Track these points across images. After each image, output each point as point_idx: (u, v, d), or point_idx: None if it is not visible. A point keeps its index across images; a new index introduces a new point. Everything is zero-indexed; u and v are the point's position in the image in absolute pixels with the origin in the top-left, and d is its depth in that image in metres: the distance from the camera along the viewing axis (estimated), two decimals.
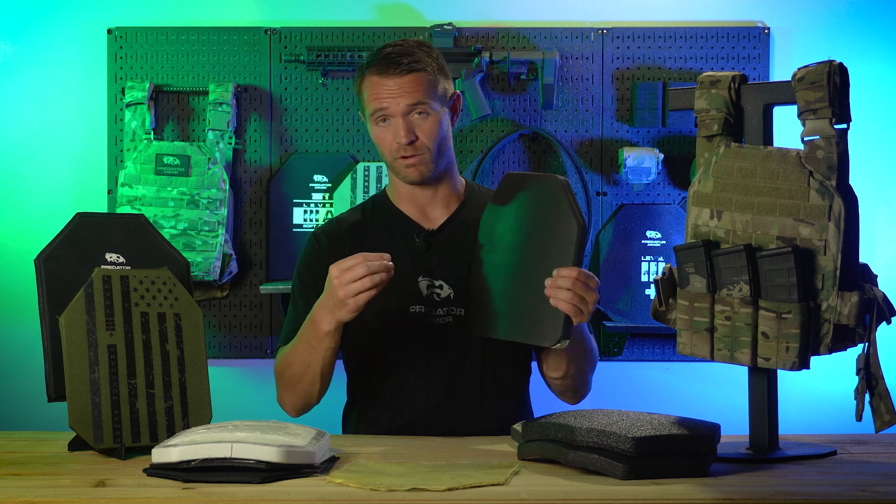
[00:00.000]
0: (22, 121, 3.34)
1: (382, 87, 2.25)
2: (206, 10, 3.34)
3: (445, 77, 2.31)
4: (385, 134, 2.27)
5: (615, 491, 1.69)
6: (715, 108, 1.97)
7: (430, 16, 3.33)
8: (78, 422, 1.94)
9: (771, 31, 3.31)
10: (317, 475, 1.78)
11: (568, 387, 2.29)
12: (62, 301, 2.00)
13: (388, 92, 2.24)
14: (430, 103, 2.26)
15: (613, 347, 3.27)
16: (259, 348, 3.33)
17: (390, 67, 2.25)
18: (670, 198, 3.32)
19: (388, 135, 2.27)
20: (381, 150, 2.30)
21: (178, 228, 3.19)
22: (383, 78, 2.25)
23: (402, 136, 2.24)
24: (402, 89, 2.24)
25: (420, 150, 2.26)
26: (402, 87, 2.24)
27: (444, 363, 2.28)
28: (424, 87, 2.26)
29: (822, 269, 1.84)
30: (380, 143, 2.29)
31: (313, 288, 2.29)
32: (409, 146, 2.25)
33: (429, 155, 2.27)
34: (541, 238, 2.11)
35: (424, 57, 2.28)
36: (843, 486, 1.73)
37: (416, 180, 2.29)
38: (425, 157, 2.27)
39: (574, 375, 2.26)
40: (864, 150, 3.14)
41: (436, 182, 2.33)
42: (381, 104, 2.25)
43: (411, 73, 2.25)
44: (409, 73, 2.25)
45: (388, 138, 2.27)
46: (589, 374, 2.31)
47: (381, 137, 2.28)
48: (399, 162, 2.28)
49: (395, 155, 2.27)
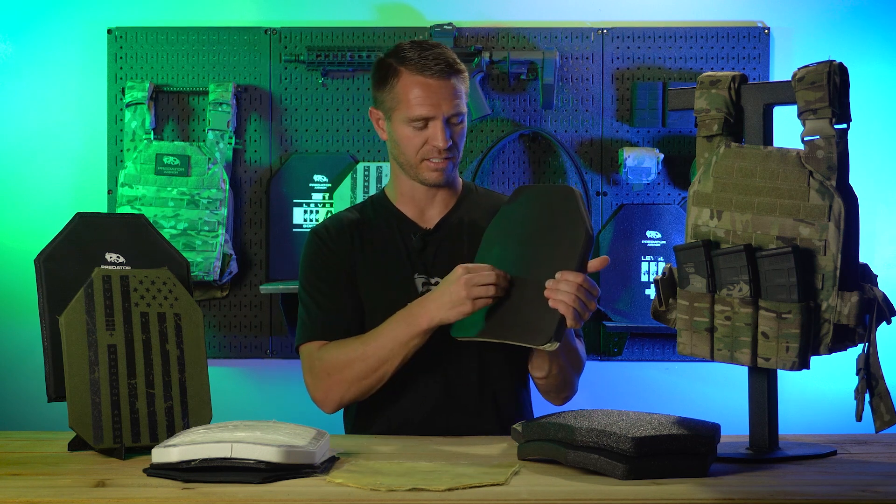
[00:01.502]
0: (22, 121, 3.34)
1: (429, 90, 2.23)
2: (206, 10, 3.34)
3: (468, 78, 2.32)
4: (418, 136, 2.26)
5: (615, 491, 1.69)
6: (715, 108, 1.97)
7: (430, 16, 3.33)
8: (78, 422, 1.94)
9: (771, 31, 3.31)
10: (317, 475, 1.78)
11: (551, 387, 2.30)
12: (62, 301, 2.00)
13: (436, 97, 2.23)
14: (466, 110, 2.28)
15: (613, 347, 3.27)
16: (259, 348, 3.33)
17: (437, 67, 2.23)
18: (670, 198, 3.32)
19: (420, 137, 2.25)
20: (404, 149, 2.28)
21: (178, 228, 3.19)
22: (429, 80, 2.23)
23: (441, 142, 2.23)
24: (446, 94, 2.23)
25: (452, 154, 2.27)
26: (447, 91, 2.24)
27: (442, 363, 2.28)
28: (462, 94, 2.27)
29: (822, 269, 1.84)
30: (407, 142, 2.27)
31: (330, 283, 2.29)
32: (445, 150, 2.25)
33: (456, 159, 2.29)
34: (546, 242, 2.12)
35: (460, 61, 2.28)
36: (843, 486, 1.73)
37: (438, 183, 2.30)
38: (453, 161, 2.29)
39: (557, 376, 2.26)
40: (864, 150, 3.14)
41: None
42: (427, 110, 2.23)
43: (453, 76, 2.25)
44: (451, 76, 2.25)
45: (420, 140, 2.26)
46: (573, 377, 2.31)
47: (411, 138, 2.26)
48: (426, 164, 2.27)
49: (423, 157, 2.27)
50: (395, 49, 2.30)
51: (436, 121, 2.24)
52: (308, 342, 2.29)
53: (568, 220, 2.10)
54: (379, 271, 2.32)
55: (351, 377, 2.22)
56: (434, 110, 2.23)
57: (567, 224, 2.10)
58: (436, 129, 2.24)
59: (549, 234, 2.12)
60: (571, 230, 2.08)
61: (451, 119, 2.25)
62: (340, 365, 2.23)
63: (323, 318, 2.28)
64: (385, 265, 2.32)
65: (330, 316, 2.28)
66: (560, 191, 2.17)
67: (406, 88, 2.25)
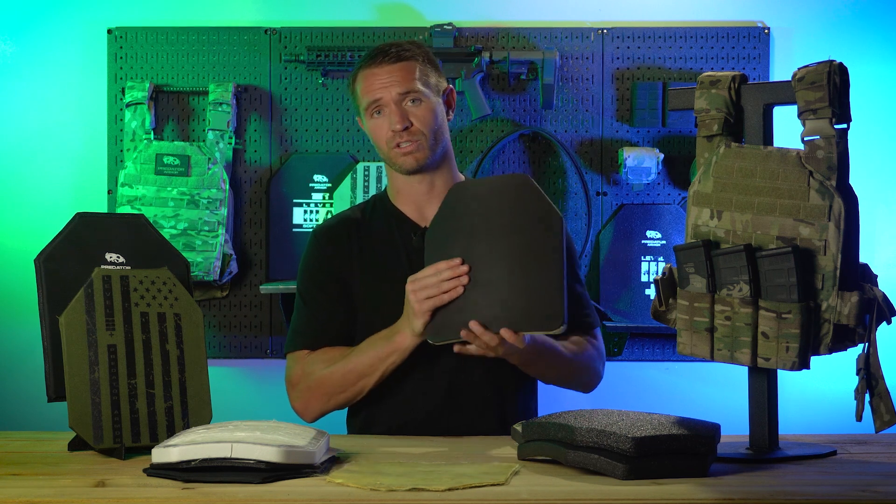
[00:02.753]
0: (22, 121, 3.34)
1: (374, 77, 2.28)
2: (206, 10, 3.34)
3: (435, 69, 2.34)
4: (380, 124, 2.29)
5: (615, 491, 1.69)
6: (715, 108, 1.97)
7: (430, 16, 3.33)
8: (78, 422, 1.94)
9: (771, 31, 3.31)
10: (317, 475, 1.78)
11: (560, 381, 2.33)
12: (62, 301, 2.00)
13: (380, 82, 2.27)
14: (422, 90, 2.29)
15: (613, 347, 3.27)
16: (259, 348, 3.33)
17: (378, 57, 2.29)
18: (670, 198, 3.32)
19: (383, 125, 2.28)
20: (377, 143, 2.32)
21: (178, 228, 3.19)
22: (374, 69, 2.29)
23: (396, 123, 2.26)
24: (392, 77, 2.27)
25: (415, 136, 2.28)
26: (393, 74, 2.27)
27: (443, 362, 2.28)
28: (415, 76, 2.28)
29: (822, 269, 1.84)
30: (375, 134, 2.31)
31: (324, 291, 2.32)
32: (404, 132, 2.26)
33: (424, 141, 2.28)
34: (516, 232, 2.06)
35: (413, 48, 2.32)
36: (843, 486, 1.73)
37: (412, 168, 2.30)
38: (421, 142, 2.28)
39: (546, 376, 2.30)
40: (864, 150, 3.14)
41: (432, 175, 2.33)
42: (374, 95, 2.28)
43: (400, 61, 2.28)
44: (397, 60, 2.28)
45: (384, 128, 2.28)
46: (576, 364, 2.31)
47: (377, 128, 2.29)
48: (395, 151, 2.29)
49: (390, 144, 2.28)
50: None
51: (386, 105, 2.27)
52: (295, 350, 2.32)
53: (534, 207, 2.07)
54: (378, 270, 2.33)
55: (330, 391, 2.26)
56: (381, 92, 2.27)
57: (533, 211, 2.06)
58: (390, 112, 2.27)
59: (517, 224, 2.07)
60: (542, 216, 2.06)
61: (405, 100, 2.27)
62: (322, 379, 2.27)
63: (313, 326, 2.31)
64: (384, 264, 2.33)
65: (320, 324, 2.31)
66: (511, 180, 2.14)
67: (360, 84, 2.31)
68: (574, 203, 3.31)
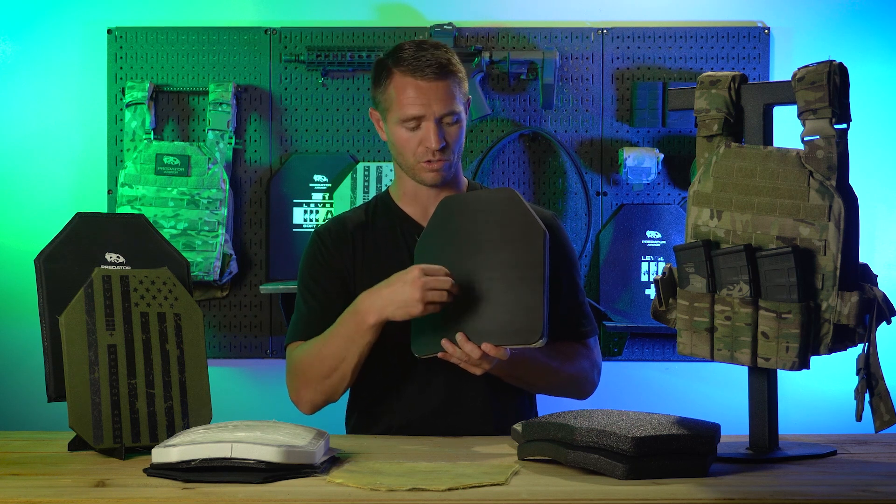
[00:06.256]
0: (22, 121, 3.34)
1: (417, 90, 2.24)
2: (206, 10, 3.34)
3: (465, 77, 2.31)
4: (413, 137, 2.26)
5: (615, 491, 1.69)
6: (715, 108, 1.97)
7: (430, 16, 3.33)
8: (78, 422, 1.94)
9: (771, 31, 3.31)
10: (317, 475, 1.78)
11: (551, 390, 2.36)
12: (62, 301, 2.00)
13: (425, 97, 2.23)
14: (461, 111, 2.27)
15: (613, 347, 3.27)
16: (259, 348, 3.33)
17: (424, 69, 2.23)
18: (670, 198, 3.32)
19: (415, 138, 2.26)
20: (401, 151, 2.29)
21: (178, 228, 3.19)
22: (418, 81, 2.24)
23: (433, 142, 2.23)
24: (437, 95, 2.23)
25: (446, 155, 2.27)
26: (439, 92, 2.23)
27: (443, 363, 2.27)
28: (457, 95, 2.26)
29: (822, 269, 1.84)
30: (403, 144, 2.27)
31: (323, 286, 2.31)
32: (438, 152, 2.25)
33: (452, 158, 2.28)
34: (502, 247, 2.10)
35: (453, 59, 2.27)
36: (843, 486, 1.73)
37: (436, 183, 2.30)
38: (450, 160, 2.28)
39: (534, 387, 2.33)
40: (864, 150, 3.14)
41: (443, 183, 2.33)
42: (415, 111, 2.23)
43: (445, 77, 2.24)
44: (443, 77, 2.24)
45: (415, 141, 2.26)
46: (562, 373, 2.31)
47: (407, 140, 2.27)
48: (423, 165, 2.27)
49: (419, 158, 2.27)
50: (393, 50, 2.30)
51: (427, 121, 2.24)
52: (290, 343, 2.32)
53: (519, 222, 2.09)
54: (381, 272, 2.32)
55: (314, 377, 2.24)
56: (424, 110, 2.23)
57: (518, 226, 2.09)
58: (428, 129, 2.24)
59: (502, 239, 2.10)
60: (525, 231, 2.08)
61: (443, 119, 2.25)
62: (304, 365, 2.26)
63: (310, 321, 2.30)
64: (388, 266, 2.32)
65: (316, 318, 2.30)
66: (498, 194, 2.16)
67: (398, 90, 2.26)
68: (574, 203, 3.31)
